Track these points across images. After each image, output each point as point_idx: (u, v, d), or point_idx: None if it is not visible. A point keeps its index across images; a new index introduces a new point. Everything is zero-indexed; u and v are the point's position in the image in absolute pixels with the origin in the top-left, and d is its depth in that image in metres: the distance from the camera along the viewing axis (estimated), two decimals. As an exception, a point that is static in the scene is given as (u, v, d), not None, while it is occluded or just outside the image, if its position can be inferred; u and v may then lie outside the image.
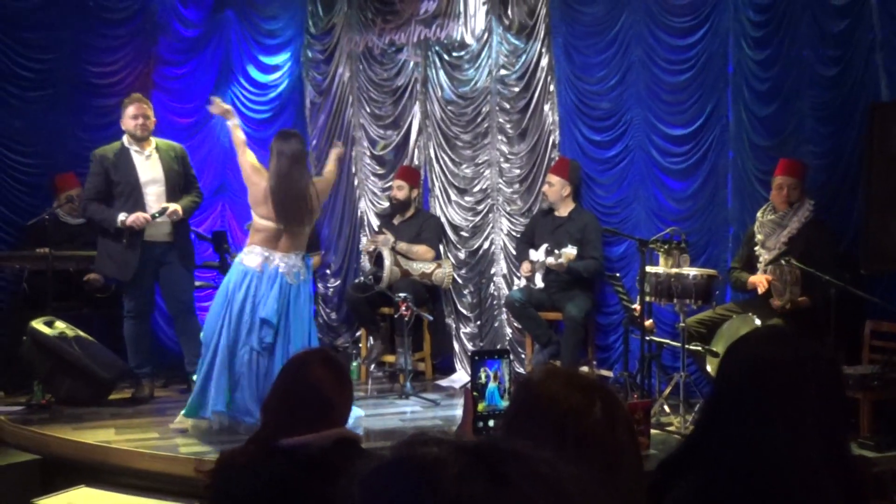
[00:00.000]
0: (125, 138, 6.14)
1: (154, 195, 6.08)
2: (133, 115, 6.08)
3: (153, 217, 5.97)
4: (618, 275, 6.18)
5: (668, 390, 5.67)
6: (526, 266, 6.80)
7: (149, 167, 6.12)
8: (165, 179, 6.13)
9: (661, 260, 5.72)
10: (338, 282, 8.14)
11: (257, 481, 2.37)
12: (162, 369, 6.84)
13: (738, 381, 1.86)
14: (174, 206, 6.05)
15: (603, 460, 1.40)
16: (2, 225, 7.04)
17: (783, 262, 5.42)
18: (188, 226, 6.48)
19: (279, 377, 2.66)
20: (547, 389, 1.48)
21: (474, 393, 2.19)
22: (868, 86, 5.58)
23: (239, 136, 5.53)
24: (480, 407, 2.14)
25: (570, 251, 6.37)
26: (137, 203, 6.01)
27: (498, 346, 7.32)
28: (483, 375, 2.17)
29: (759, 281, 5.67)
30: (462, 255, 7.58)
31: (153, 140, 6.20)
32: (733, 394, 1.85)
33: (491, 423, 2.10)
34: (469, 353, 7.19)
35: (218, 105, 5.67)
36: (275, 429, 2.47)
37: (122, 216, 5.94)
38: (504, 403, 2.21)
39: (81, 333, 6.15)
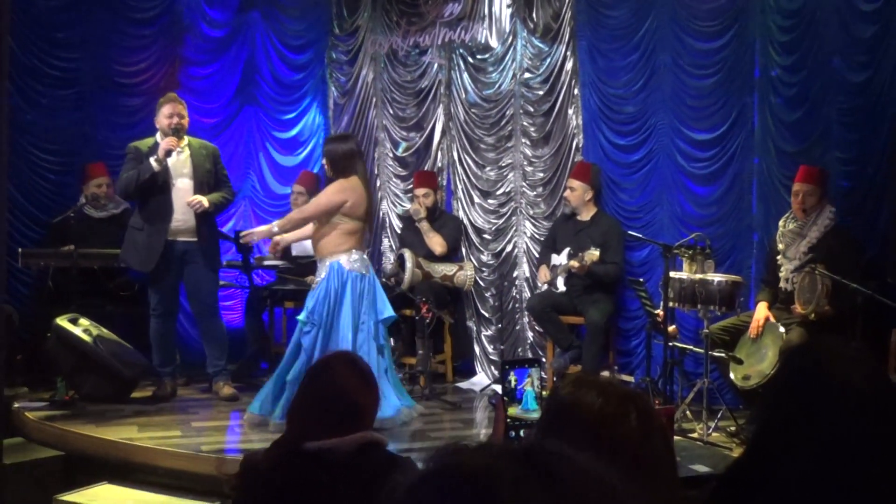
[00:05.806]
0: (159, 135, 6.24)
1: (182, 190, 6.19)
2: (168, 114, 6.20)
3: (177, 138, 6.09)
4: (641, 280, 6.14)
5: (690, 397, 5.63)
6: (543, 274, 6.77)
7: (179, 163, 6.23)
8: (193, 175, 6.25)
9: (686, 265, 5.68)
10: (359, 283, 8.12)
11: (282, 485, 2.36)
12: (184, 368, 6.87)
13: (812, 406, 1.77)
14: (199, 198, 6.13)
15: (638, 469, 1.39)
16: (27, 222, 7.09)
17: (816, 271, 5.29)
18: (215, 226, 6.53)
19: (304, 380, 2.62)
20: (582, 398, 1.47)
21: (504, 398, 2.17)
22: (896, 92, 5.52)
23: (305, 209, 5.88)
24: (512, 411, 2.12)
25: (594, 252, 6.34)
26: (164, 196, 6.12)
27: (518, 351, 7.31)
28: (513, 380, 2.15)
29: (756, 322, 5.58)
30: (484, 258, 7.56)
31: (186, 138, 6.30)
32: (803, 417, 1.77)
33: (522, 432, 2.07)
34: (498, 359, 7.12)
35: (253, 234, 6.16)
36: (300, 432, 2.44)
37: (153, 157, 6.05)
38: (535, 407, 2.19)
39: (105, 331, 6.20)
